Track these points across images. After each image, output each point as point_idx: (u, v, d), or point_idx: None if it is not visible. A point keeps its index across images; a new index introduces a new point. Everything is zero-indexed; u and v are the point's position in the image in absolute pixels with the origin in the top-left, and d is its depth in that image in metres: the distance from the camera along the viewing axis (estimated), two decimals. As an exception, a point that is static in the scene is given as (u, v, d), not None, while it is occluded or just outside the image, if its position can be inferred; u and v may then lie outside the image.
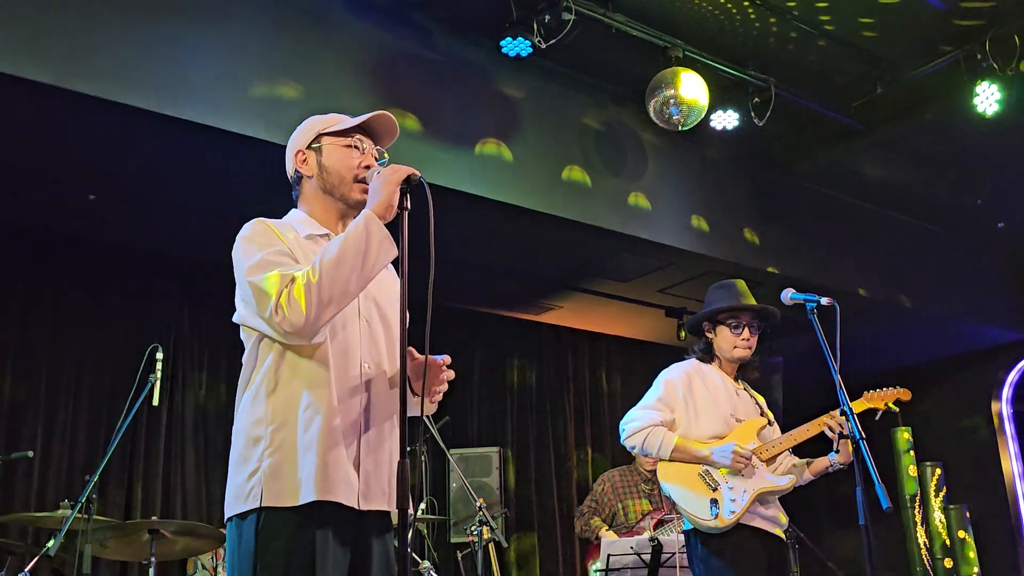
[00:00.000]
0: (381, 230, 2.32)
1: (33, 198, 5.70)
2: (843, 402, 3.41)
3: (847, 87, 6.47)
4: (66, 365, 6.28)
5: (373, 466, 2.38)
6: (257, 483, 2.27)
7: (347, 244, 2.29)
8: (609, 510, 6.34)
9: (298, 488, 2.25)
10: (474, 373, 8.24)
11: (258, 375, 2.38)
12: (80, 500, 4.05)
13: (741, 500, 3.86)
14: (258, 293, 2.29)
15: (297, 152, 2.60)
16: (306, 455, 2.27)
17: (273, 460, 2.28)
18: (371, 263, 2.30)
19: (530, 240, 6.51)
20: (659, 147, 6.74)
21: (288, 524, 2.24)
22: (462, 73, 5.89)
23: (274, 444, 2.29)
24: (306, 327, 2.26)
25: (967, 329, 8.79)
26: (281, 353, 2.36)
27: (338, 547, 2.29)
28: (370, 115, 2.59)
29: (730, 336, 4.15)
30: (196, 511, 6.44)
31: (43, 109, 4.70)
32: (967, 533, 7.51)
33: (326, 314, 2.27)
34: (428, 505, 6.20)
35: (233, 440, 2.38)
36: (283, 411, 2.32)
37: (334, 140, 2.57)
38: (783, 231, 7.41)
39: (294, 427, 2.30)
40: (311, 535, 2.24)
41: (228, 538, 2.33)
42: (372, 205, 2.34)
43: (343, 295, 2.28)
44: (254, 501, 2.26)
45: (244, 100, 5.00)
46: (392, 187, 2.34)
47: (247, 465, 2.31)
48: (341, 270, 2.26)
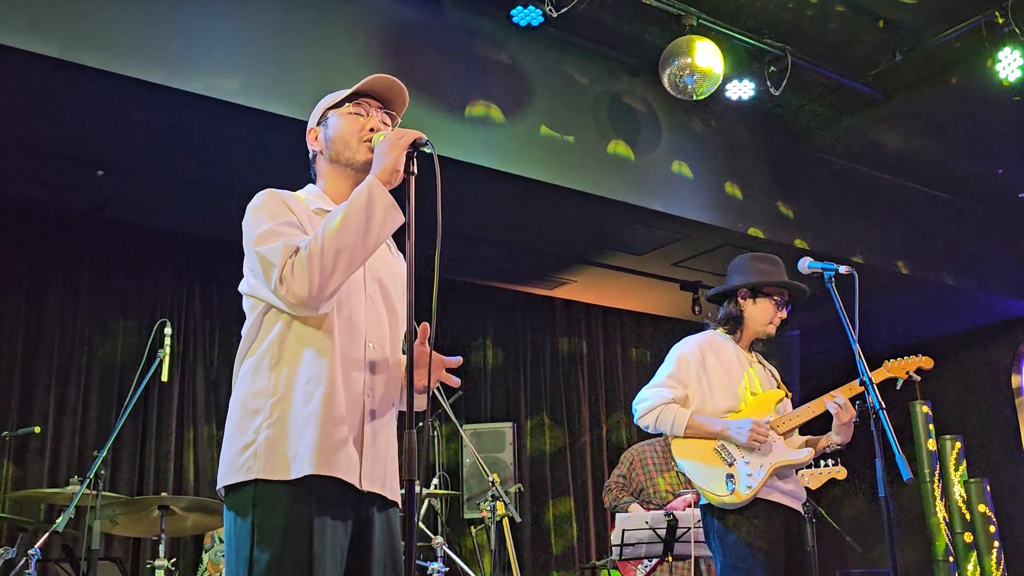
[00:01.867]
0: (385, 196, 2.28)
1: (40, 175, 5.66)
2: (862, 372, 3.33)
3: (865, 55, 6.35)
4: (76, 342, 6.28)
5: (374, 448, 2.34)
6: (253, 455, 2.22)
7: (349, 212, 2.25)
8: (637, 485, 6.24)
9: (294, 462, 2.20)
10: (487, 348, 8.20)
11: (261, 346, 2.33)
12: (88, 476, 4.03)
13: (758, 475, 3.78)
14: (264, 263, 2.27)
15: (310, 131, 2.62)
16: (305, 428, 2.22)
17: (271, 432, 2.23)
18: (375, 230, 2.26)
19: (543, 213, 6.44)
20: (673, 118, 6.65)
21: (284, 498, 2.19)
22: (472, 43, 5.81)
23: (273, 416, 2.25)
24: (310, 298, 2.22)
25: (987, 301, 8.68)
26: (288, 325, 2.32)
27: (338, 523, 2.24)
28: (367, 79, 2.57)
29: (772, 310, 4.06)
30: (207, 487, 6.44)
31: (47, 83, 4.65)
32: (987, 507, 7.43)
33: (331, 284, 2.23)
34: (441, 481, 6.17)
35: (230, 411, 2.34)
36: (285, 383, 2.27)
37: (338, 111, 2.56)
38: (800, 202, 7.31)
39: (295, 400, 2.26)
40: (308, 511, 2.19)
41: (225, 511, 2.29)
42: (376, 170, 2.31)
43: (348, 264, 2.24)
44: (250, 473, 2.21)
45: (253, 72, 4.94)
46: (398, 151, 2.31)
47: (243, 436, 2.26)
48: (344, 239, 2.22)
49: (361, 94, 2.57)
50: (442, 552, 5.23)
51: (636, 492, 6.19)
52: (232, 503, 2.26)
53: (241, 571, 2.17)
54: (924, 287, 8.14)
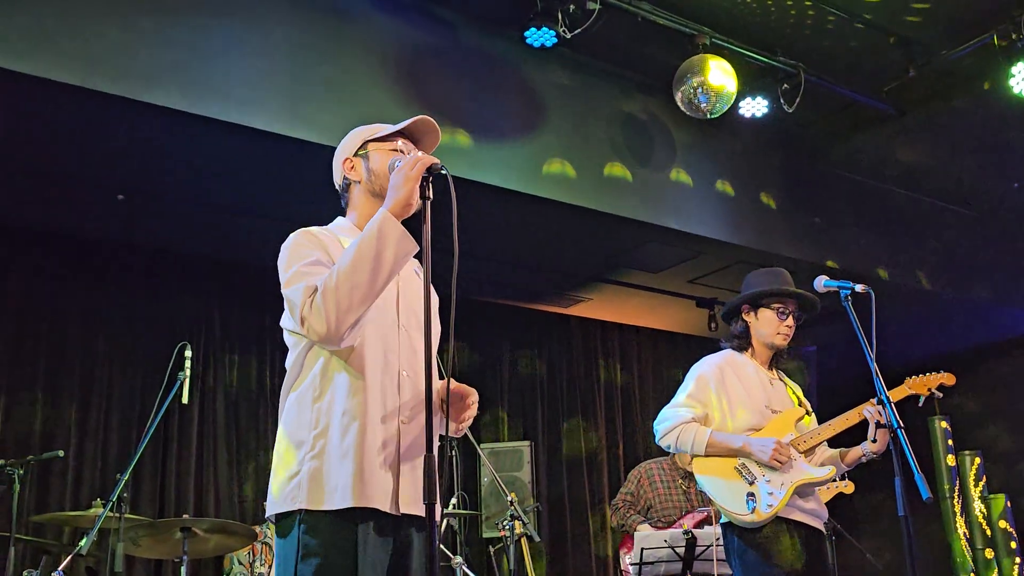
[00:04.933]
0: (396, 228, 2.36)
1: (61, 200, 5.73)
2: (880, 390, 3.33)
3: (878, 71, 6.36)
4: (97, 365, 6.33)
5: (411, 473, 2.44)
6: (298, 486, 2.36)
7: (360, 248, 2.34)
8: (645, 503, 6.25)
9: (335, 493, 2.33)
10: (504, 367, 8.21)
11: (305, 380, 2.46)
12: (111, 498, 4.06)
13: (779, 493, 3.77)
14: (290, 305, 2.41)
15: (345, 160, 2.69)
16: (343, 462, 2.35)
17: (314, 464, 2.37)
18: (387, 264, 2.34)
19: (558, 232, 6.47)
20: (688, 136, 6.67)
21: (326, 521, 2.33)
22: (486, 65, 5.85)
23: (315, 449, 2.38)
24: (329, 333, 2.33)
25: (1004, 315, 8.64)
26: (327, 361, 2.44)
27: (378, 540, 2.37)
28: (412, 120, 2.66)
29: (775, 321, 4.03)
30: (228, 509, 6.47)
31: (69, 110, 4.71)
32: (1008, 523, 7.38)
33: (348, 319, 2.33)
34: (460, 500, 6.17)
35: (277, 441, 2.48)
36: (325, 417, 2.40)
37: (379, 146, 2.65)
38: (816, 218, 7.31)
39: (333, 433, 2.38)
40: (352, 530, 2.34)
41: (276, 536, 2.44)
42: (389, 204, 2.39)
43: (363, 298, 2.33)
44: (295, 503, 2.35)
45: (271, 98, 5.00)
46: (412, 184, 2.38)
47: (289, 468, 2.40)
48: (357, 275, 2.32)
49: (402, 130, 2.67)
50: (461, 572, 5.24)
51: (644, 510, 6.21)
52: (280, 529, 2.41)
53: None
54: (942, 302, 8.11)
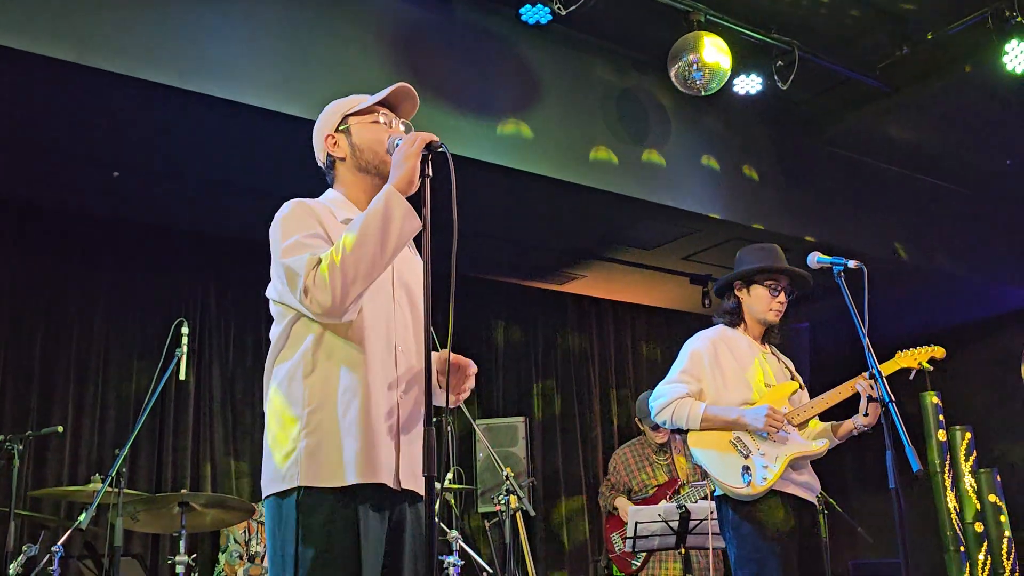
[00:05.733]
0: (402, 204, 2.34)
1: (58, 177, 5.73)
2: (872, 365, 3.37)
3: (872, 48, 6.36)
4: (94, 342, 6.34)
5: (409, 447, 2.43)
6: (295, 463, 2.32)
7: (368, 222, 2.31)
8: (624, 487, 6.39)
9: (339, 470, 2.30)
10: (499, 343, 8.24)
11: (294, 355, 2.41)
12: (110, 474, 4.09)
13: (774, 467, 3.82)
14: (290, 275, 2.34)
15: (327, 137, 2.64)
16: (347, 439, 2.32)
17: (310, 441, 2.33)
18: (393, 239, 2.32)
19: (553, 209, 6.48)
20: (682, 113, 6.67)
21: (327, 501, 2.30)
22: (481, 42, 5.85)
23: (311, 425, 2.33)
24: (334, 307, 2.29)
25: (995, 292, 8.69)
26: (320, 335, 2.40)
27: (377, 517, 2.35)
28: (390, 89, 2.62)
29: (767, 297, 4.08)
30: (225, 483, 6.51)
31: (64, 87, 4.71)
32: (998, 497, 7.45)
33: (352, 292, 2.30)
34: (455, 475, 6.22)
35: (267, 420, 2.43)
36: (320, 393, 2.36)
37: (360, 119, 2.61)
38: (809, 196, 7.34)
39: (333, 409, 2.35)
40: (352, 509, 2.30)
41: (267, 514, 2.38)
42: (393, 180, 2.37)
43: (368, 273, 2.31)
44: (293, 481, 2.31)
45: (266, 74, 4.99)
46: (413, 160, 2.36)
47: (284, 446, 2.35)
48: (364, 248, 2.29)
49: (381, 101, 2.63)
50: (458, 546, 5.29)
51: (626, 493, 6.37)
52: (275, 507, 2.35)
53: (288, 568, 2.27)
54: (933, 278, 8.15)
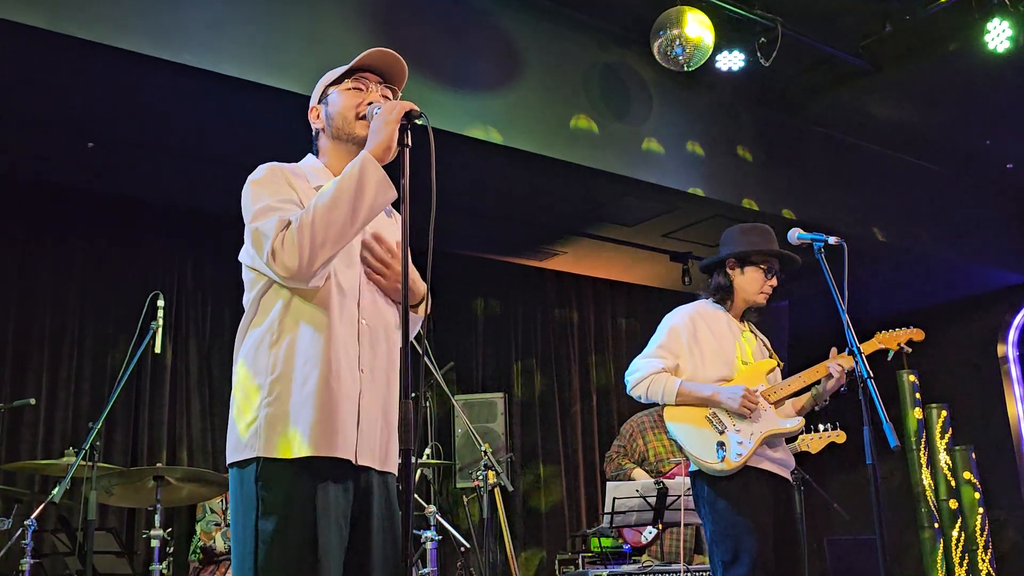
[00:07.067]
0: (377, 171, 2.31)
1: (31, 147, 5.64)
2: (851, 342, 3.37)
3: (855, 26, 6.34)
4: (69, 314, 6.29)
5: (370, 422, 2.38)
6: (255, 433, 2.28)
7: (341, 186, 2.28)
8: (638, 455, 6.36)
9: (295, 442, 2.26)
10: (478, 320, 8.23)
11: (263, 323, 2.37)
12: (84, 447, 4.06)
13: (748, 443, 3.83)
14: (258, 237, 2.31)
15: (311, 110, 2.64)
16: (302, 409, 2.28)
17: (271, 411, 2.28)
18: (366, 205, 2.29)
19: (534, 185, 6.45)
20: (664, 89, 6.64)
21: (286, 473, 2.26)
22: (462, 14, 5.79)
23: (272, 394, 2.30)
24: (300, 270, 2.26)
25: (974, 272, 8.74)
26: (287, 303, 2.36)
27: (339, 492, 2.30)
28: (364, 54, 2.58)
29: (760, 279, 4.08)
30: (201, 458, 6.48)
31: (36, 54, 4.62)
32: (972, 474, 7.53)
33: (320, 256, 2.26)
34: (433, 450, 6.21)
35: (234, 388, 2.39)
36: (283, 363, 2.32)
37: (338, 88, 2.59)
38: (791, 173, 7.34)
39: (292, 379, 2.31)
40: (310, 483, 2.25)
41: (231, 485, 2.35)
42: (370, 146, 2.34)
43: (338, 238, 2.28)
44: (252, 451, 2.27)
45: (243, 44, 4.92)
46: (392, 127, 2.33)
47: (246, 415, 2.31)
48: (335, 212, 2.26)
49: (360, 69, 2.59)
50: (435, 520, 5.29)
51: (638, 462, 6.33)
52: (237, 478, 2.32)
53: (248, 541, 2.23)
54: (911, 258, 8.18)
